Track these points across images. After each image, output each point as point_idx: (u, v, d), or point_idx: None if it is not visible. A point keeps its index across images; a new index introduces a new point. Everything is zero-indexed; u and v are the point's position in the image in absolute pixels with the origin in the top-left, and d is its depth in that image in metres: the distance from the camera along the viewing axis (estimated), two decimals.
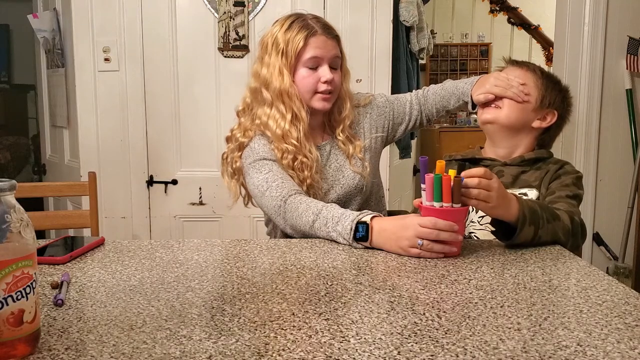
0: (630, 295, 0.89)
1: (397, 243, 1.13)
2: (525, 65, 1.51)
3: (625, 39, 2.58)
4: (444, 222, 1.10)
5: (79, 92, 2.46)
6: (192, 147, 2.50)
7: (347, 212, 1.22)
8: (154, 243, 1.23)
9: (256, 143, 1.46)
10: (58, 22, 2.60)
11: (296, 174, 1.43)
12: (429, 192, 1.11)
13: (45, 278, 0.98)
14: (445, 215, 1.11)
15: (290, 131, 1.42)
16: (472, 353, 0.68)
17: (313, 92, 1.45)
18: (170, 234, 2.52)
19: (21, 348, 0.67)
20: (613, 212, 2.62)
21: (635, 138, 2.63)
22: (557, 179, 1.41)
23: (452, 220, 1.10)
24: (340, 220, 1.20)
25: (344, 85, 1.51)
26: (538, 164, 1.46)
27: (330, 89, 1.45)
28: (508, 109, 1.44)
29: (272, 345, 0.70)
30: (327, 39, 1.44)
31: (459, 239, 1.12)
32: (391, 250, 1.15)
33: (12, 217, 0.66)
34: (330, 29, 1.47)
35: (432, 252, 1.10)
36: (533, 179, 1.43)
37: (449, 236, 1.10)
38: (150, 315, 0.80)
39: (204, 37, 2.45)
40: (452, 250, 1.12)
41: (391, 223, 1.16)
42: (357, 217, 1.19)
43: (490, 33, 4.61)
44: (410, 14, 2.73)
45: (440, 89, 1.60)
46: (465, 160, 1.53)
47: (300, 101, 1.44)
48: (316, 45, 1.43)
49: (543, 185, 1.41)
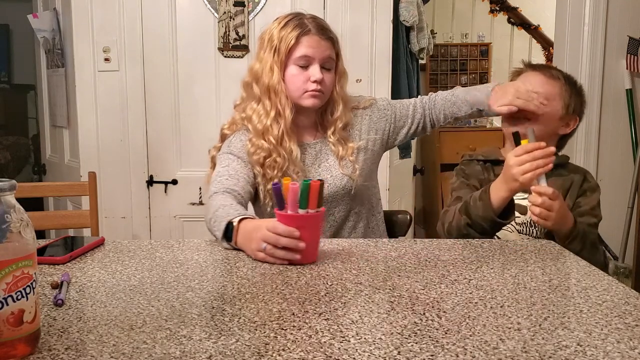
0: (630, 295, 0.89)
1: (250, 245, 1.11)
2: (547, 71, 1.49)
3: (625, 39, 2.58)
4: (283, 227, 1.05)
5: (79, 92, 2.45)
6: (192, 147, 2.50)
7: (233, 213, 1.20)
8: (154, 243, 1.23)
9: (235, 137, 1.49)
10: (58, 22, 2.60)
11: (264, 172, 1.43)
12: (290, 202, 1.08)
13: (45, 278, 0.98)
14: (292, 220, 1.06)
15: (271, 127, 1.42)
16: (472, 353, 0.68)
17: (302, 91, 1.44)
18: (170, 234, 2.52)
19: (21, 348, 0.67)
20: (613, 212, 2.61)
21: (635, 138, 2.63)
22: (584, 196, 1.47)
23: (299, 225, 1.06)
24: (223, 220, 1.19)
25: (337, 87, 1.49)
26: (559, 170, 1.48)
27: (319, 89, 1.43)
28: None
29: (272, 345, 0.70)
30: (320, 39, 1.43)
31: (299, 246, 1.05)
32: (247, 252, 1.13)
33: (12, 217, 0.66)
34: (326, 30, 1.46)
35: (275, 258, 1.06)
36: (557, 186, 1.45)
37: (288, 242, 1.05)
38: (150, 315, 0.80)
39: (204, 37, 2.45)
40: (295, 257, 1.05)
41: (251, 224, 1.14)
42: (231, 218, 1.18)
43: (490, 33, 4.60)
44: (410, 14, 2.73)
45: (451, 95, 1.54)
46: (489, 161, 1.53)
47: (286, 98, 1.43)
48: (308, 44, 1.42)
49: (570, 197, 1.46)
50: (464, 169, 1.55)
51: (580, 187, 1.47)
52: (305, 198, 1.07)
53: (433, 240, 1.26)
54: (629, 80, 2.61)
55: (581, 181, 1.48)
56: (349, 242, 1.25)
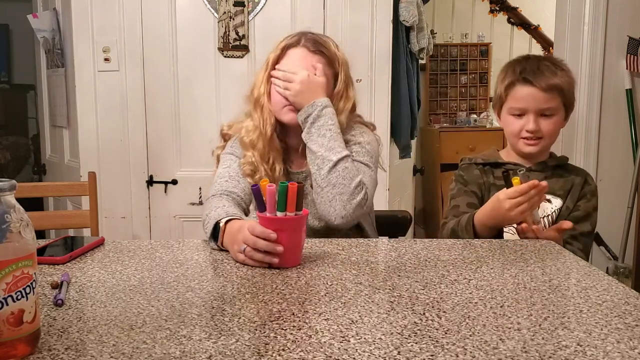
0: (630, 295, 0.89)
1: (232, 246, 1.10)
2: (539, 82, 1.42)
3: (625, 39, 2.58)
4: (260, 229, 1.03)
5: (78, 92, 2.45)
6: (192, 147, 2.50)
7: (222, 214, 1.19)
8: (154, 243, 1.23)
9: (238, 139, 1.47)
10: (58, 22, 2.60)
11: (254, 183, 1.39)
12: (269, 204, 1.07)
13: (45, 278, 0.98)
14: (270, 223, 1.04)
15: (257, 141, 1.40)
16: (472, 353, 0.68)
17: (282, 105, 1.39)
18: (170, 234, 2.52)
19: (21, 348, 0.67)
20: (613, 212, 2.62)
21: (635, 138, 2.63)
22: (585, 199, 1.47)
23: (278, 228, 1.04)
24: (212, 221, 1.19)
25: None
26: (559, 171, 1.49)
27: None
28: (549, 138, 1.46)
29: (272, 345, 0.70)
30: (308, 52, 1.39)
31: (276, 249, 1.03)
32: (231, 253, 1.11)
33: (12, 217, 0.66)
34: (318, 44, 1.40)
35: (254, 260, 1.04)
36: (558, 187, 1.46)
37: (265, 245, 1.02)
38: (150, 315, 0.80)
39: (203, 37, 2.45)
40: (273, 261, 1.03)
41: (237, 225, 1.12)
42: (219, 219, 1.17)
43: (490, 33, 4.60)
44: (410, 13, 2.73)
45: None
46: (488, 164, 1.53)
47: (269, 113, 1.40)
48: (293, 55, 1.40)
49: (570, 198, 1.46)
50: (462, 175, 1.55)
51: (581, 189, 1.47)
52: (283, 201, 1.05)
53: (433, 240, 1.26)
54: (629, 80, 2.61)
55: (582, 183, 1.48)
56: (349, 242, 1.25)
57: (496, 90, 1.53)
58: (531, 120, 1.42)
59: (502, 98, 1.48)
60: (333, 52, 1.43)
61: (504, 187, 1.30)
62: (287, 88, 1.36)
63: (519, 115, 1.45)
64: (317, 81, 1.37)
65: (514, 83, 1.45)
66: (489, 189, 1.50)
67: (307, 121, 1.35)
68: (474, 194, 1.50)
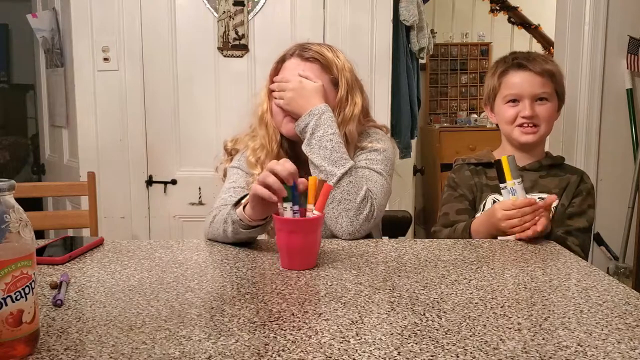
0: (631, 295, 0.89)
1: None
2: (538, 68, 1.44)
3: (625, 39, 2.58)
4: (280, 167, 1.06)
5: (78, 92, 2.45)
6: (191, 147, 2.49)
7: (235, 200, 1.22)
8: (154, 243, 1.23)
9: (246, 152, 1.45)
10: (57, 22, 2.60)
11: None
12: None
13: (45, 278, 0.98)
14: (286, 225, 1.06)
15: (264, 160, 1.37)
16: (473, 353, 0.68)
17: (282, 116, 1.37)
18: (170, 234, 2.52)
19: (20, 348, 0.66)
20: (613, 212, 2.62)
21: (635, 138, 2.63)
22: (580, 196, 1.46)
23: (292, 230, 1.05)
24: (229, 210, 1.19)
25: (336, 118, 1.35)
26: (554, 170, 1.49)
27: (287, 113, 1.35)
28: (545, 125, 1.46)
29: (271, 346, 0.70)
30: (300, 61, 1.37)
31: (273, 198, 1.05)
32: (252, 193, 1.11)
33: (11, 217, 0.65)
34: (312, 52, 1.37)
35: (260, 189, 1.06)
36: (553, 186, 1.46)
37: (273, 181, 1.05)
38: (149, 316, 0.80)
39: (203, 36, 2.45)
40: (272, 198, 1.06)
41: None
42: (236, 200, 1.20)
43: (490, 32, 4.61)
44: (410, 13, 2.73)
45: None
46: (481, 164, 1.53)
47: (274, 130, 1.39)
48: (287, 67, 1.38)
49: (566, 196, 1.46)
50: (453, 177, 1.55)
51: (576, 187, 1.47)
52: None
53: (433, 240, 1.26)
54: (630, 80, 2.61)
55: (578, 182, 1.48)
56: (348, 242, 1.25)
57: (487, 86, 1.54)
58: (527, 105, 1.43)
59: (496, 88, 1.49)
60: (329, 58, 1.39)
61: (496, 186, 1.30)
62: (281, 97, 1.36)
63: (514, 103, 1.45)
64: (310, 86, 1.34)
65: (508, 70, 1.46)
66: (482, 189, 1.50)
67: (306, 132, 1.32)
68: (463, 197, 1.50)
